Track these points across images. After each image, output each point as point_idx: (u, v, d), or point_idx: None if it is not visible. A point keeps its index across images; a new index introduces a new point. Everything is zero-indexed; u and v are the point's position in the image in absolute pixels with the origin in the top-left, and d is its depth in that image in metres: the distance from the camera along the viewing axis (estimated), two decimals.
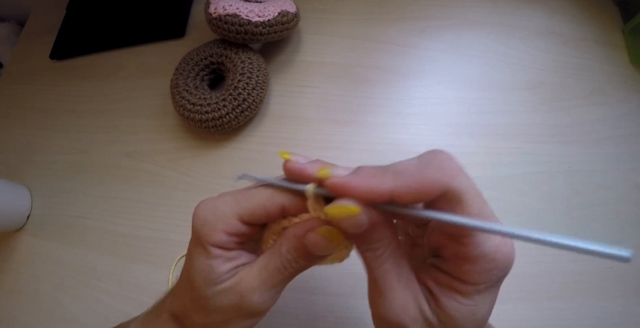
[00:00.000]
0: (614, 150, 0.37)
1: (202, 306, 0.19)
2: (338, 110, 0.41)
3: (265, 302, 0.19)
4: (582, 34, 0.43)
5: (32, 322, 0.36)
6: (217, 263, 0.18)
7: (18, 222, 0.41)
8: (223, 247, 0.19)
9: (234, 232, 0.18)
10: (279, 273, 0.19)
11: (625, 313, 0.31)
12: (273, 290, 0.19)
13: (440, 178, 0.14)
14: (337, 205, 0.15)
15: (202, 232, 0.18)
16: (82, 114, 0.47)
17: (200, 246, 0.19)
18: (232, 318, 0.19)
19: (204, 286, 0.19)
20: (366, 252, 0.16)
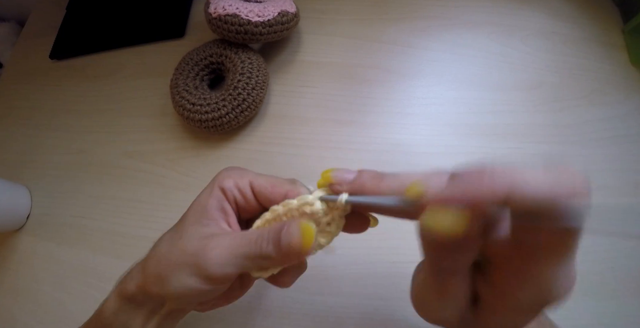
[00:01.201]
0: (614, 150, 0.37)
1: (174, 240, 0.21)
2: (338, 110, 0.41)
3: (219, 264, 0.19)
4: (582, 34, 0.43)
5: (32, 322, 0.36)
6: (212, 205, 0.21)
7: (18, 222, 0.41)
8: (226, 193, 0.21)
9: (241, 187, 0.21)
10: (250, 243, 0.19)
11: (625, 313, 0.31)
12: (234, 258, 0.19)
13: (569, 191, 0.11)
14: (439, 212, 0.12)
15: (218, 177, 0.22)
16: (82, 114, 0.47)
17: (210, 187, 0.21)
18: (185, 265, 0.19)
19: (191, 220, 0.20)
20: (442, 262, 0.14)
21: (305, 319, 0.32)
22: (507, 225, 0.14)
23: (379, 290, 0.33)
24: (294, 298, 0.33)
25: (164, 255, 0.20)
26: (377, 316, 0.32)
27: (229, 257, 0.19)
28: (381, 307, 0.32)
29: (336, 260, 0.34)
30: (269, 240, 0.19)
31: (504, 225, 0.14)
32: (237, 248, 0.19)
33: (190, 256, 0.19)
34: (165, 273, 0.20)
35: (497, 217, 0.12)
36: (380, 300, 0.32)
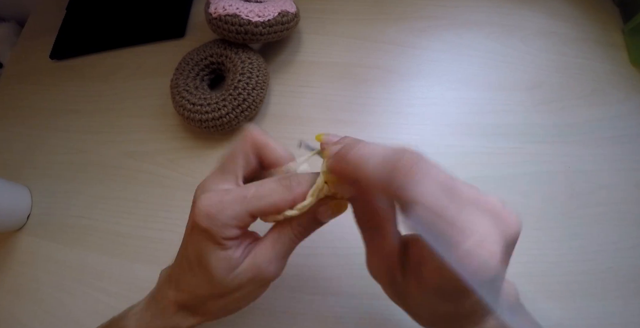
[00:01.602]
0: (614, 150, 0.37)
1: (220, 292, 0.20)
2: (338, 110, 0.41)
3: (279, 269, 0.21)
4: (582, 34, 0.43)
5: (32, 322, 0.36)
6: (233, 251, 0.20)
7: (18, 222, 0.41)
8: (235, 239, 0.20)
9: (245, 225, 0.20)
10: (291, 242, 0.21)
11: (625, 313, 0.31)
12: (286, 259, 0.21)
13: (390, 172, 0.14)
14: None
15: (214, 229, 0.19)
16: (82, 114, 0.47)
17: (212, 241, 0.19)
18: (251, 292, 0.21)
19: (224, 275, 0.20)
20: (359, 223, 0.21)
21: (305, 319, 0.32)
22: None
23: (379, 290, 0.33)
24: (294, 298, 0.33)
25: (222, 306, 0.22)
26: (377, 316, 0.32)
27: (284, 261, 0.21)
28: (381, 307, 0.32)
29: (336, 260, 0.34)
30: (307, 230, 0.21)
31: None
32: (284, 251, 0.21)
33: (252, 284, 0.21)
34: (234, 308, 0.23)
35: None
36: (380, 300, 0.32)
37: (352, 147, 0.16)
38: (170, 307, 0.22)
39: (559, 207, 0.35)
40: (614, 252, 0.33)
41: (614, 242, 0.33)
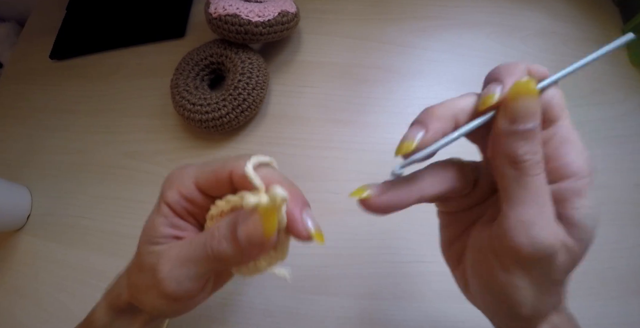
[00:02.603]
0: (614, 150, 0.37)
1: (136, 263, 0.20)
2: (338, 110, 0.41)
3: (175, 281, 0.17)
4: (582, 34, 0.43)
5: (32, 322, 0.36)
6: (160, 222, 0.19)
7: (18, 222, 0.41)
8: (172, 208, 0.19)
9: (186, 194, 0.19)
10: (198, 249, 0.17)
11: (625, 313, 0.31)
12: (187, 271, 0.17)
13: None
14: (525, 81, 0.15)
15: (163, 187, 0.19)
16: (82, 114, 0.47)
17: (158, 201, 0.19)
18: (149, 287, 0.18)
19: (143, 241, 0.19)
20: (528, 154, 0.14)
21: (305, 319, 0.32)
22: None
23: (379, 290, 0.33)
24: (294, 298, 0.33)
25: (135, 278, 0.20)
26: (377, 316, 0.32)
27: (181, 271, 0.17)
28: (381, 307, 0.32)
29: (336, 260, 0.34)
30: (220, 239, 0.17)
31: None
32: (186, 258, 0.17)
33: (149, 277, 0.18)
34: (137, 294, 0.19)
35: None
36: (380, 300, 0.32)
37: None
38: (125, 273, 0.22)
39: None
40: (613, 251, 0.33)
41: (613, 242, 0.33)
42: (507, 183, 0.15)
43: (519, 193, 0.14)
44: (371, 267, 0.33)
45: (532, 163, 0.14)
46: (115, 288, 0.22)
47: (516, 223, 0.14)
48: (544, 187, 0.14)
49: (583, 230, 0.14)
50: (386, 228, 0.35)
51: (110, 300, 0.22)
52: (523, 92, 0.14)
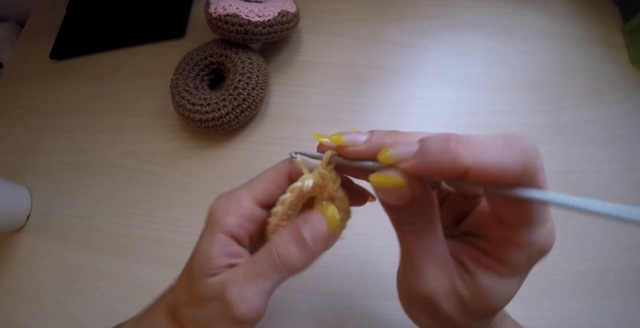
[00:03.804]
0: (614, 150, 0.37)
1: (193, 298, 0.19)
2: (338, 110, 0.41)
3: (246, 302, 0.17)
4: (582, 34, 0.43)
5: (32, 322, 0.36)
6: (217, 253, 0.18)
7: (18, 222, 0.41)
8: (234, 235, 0.18)
9: (248, 214, 0.18)
10: (265, 262, 0.17)
11: (625, 313, 0.31)
12: (256, 288, 0.17)
13: (523, 161, 0.12)
14: (383, 175, 0.14)
15: (216, 217, 0.18)
16: (82, 114, 0.47)
17: (209, 232, 0.18)
18: (215, 318, 0.18)
19: (198, 275, 0.18)
20: (403, 225, 0.16)
21: (305, 319, 0.32)
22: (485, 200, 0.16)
23: (379, 290, 0.33)
24: (294, 298, 0.33)
25: (193, 316, 0.19)
26: (377, 316, 0.32)
27: (250, 289, 0.17)
28: (381, 307, 0.32)
29: (336, 260, 0.34)
30: (286, 245, 0.17)
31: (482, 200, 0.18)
32: (253, 275, 0.17)
33: (217, 308, 0.18)
34: None
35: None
36: (380, 300, 0.32)
37: (453, 141, 0.13)
38: (160, 307, 0.21)
39: None
40: (613, 252, 0.33)
41: (613, 242, 0.33)
42: (399, 242, 0.17)
43: (402, 253, 0.17)
44: (371, 267, 0.33)
45: (405, 234, 0.16)
46: (151, 324, 0.21)
47: (401, 277, 0.17)
48: (422, 250, 0.16)
49: (484, 296, 0.15)
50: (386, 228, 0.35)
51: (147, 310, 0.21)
52: (383, 184, 0.15)
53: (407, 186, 0.14)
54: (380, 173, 0.15)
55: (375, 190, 0.15)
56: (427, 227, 0.16)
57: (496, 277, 0.15)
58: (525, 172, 0.12)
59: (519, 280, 0.16)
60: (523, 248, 0.15)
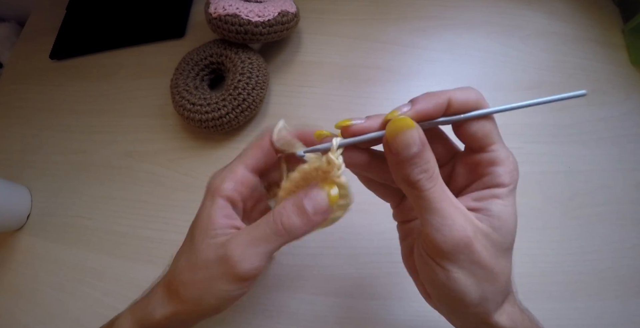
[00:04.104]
0: (614, 150, 0.37)
1: (192, 261, 0.20)
2: (338, 110, 0.41)
3: (247, 261, 0.19)
4: (582, 34, 0.43)
5: (32, 322, 0.36)
6: (217, 214, 0.20)
7: (18, 222, 0.41)
8: (230, 198, 0.21)
9: (241, 178, 0.21)
10: (268, 227, 0.19)
11: (625, 313, 0.31)
12: (257, 249, 0.19)
13: (475, 92, 0.19)
14: (397, 118, 0.18)
15: (214, 184, 0.21)
16: (82, 114, 0.47)
17: (209, 197, 0.21)
18: (216, 277, 0.19)
19: (200, 238, 0.20)
20: (420, 174, 0.17)
21: (305, 319, 0.32)
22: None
23: (379, 290, 0.33)
24: (294, 298, 0.33)
25: (190, 278, 0.20)
26: (377, 316, 0.32)
27: (253, 250, 0.19)
28: (381, 307, 0.32)
29: (336, 260, 0.34)
30: (289, 214, 0.19)
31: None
32: (256, 238, 0.19)
33: (217, 268, 0.19)
34: (201, 293, 0.20)
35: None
36: (380, 300, 0.32)
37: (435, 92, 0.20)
38: (158, 288, 0.22)
39: (559, 207, 0.35)
40: (613, 252, 0.33)
41: (613, 242, 0.33)
42: (413, 200, 0.18)
43: (423, 205, 0.18)
44: (371, 267, 0.33)
45: (423, 181, 0.17)
46: (145, 306, 0.22)
47: (430, 229, 0.17)
48: (442, 194, 0.18)
49: (499, 221, 0.18)
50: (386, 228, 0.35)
51: (140, 318, 0.22)
52: (398, 129, 0.17)
53: (416, 128, 0.17)
54: (394, 118, 0.18)
55: (390, 143, 0.18)
56: (437, 172, 0.18)
57: (499, 201, 0.18)
58: (478, 101, 0.19)
59: (513, 198, 0.18)
60: (503, 163, 0.18)
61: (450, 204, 0.17)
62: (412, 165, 0.17)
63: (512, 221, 0.18)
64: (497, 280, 0.18)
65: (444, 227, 0.17)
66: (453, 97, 0.18)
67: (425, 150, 0.17)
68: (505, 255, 0.18)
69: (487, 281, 0.18)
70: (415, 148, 0.17)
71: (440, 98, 0.19)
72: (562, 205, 0.35)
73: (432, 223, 0.17)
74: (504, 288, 0.18)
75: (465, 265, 0.17)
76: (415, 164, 0.17)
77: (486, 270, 0.17)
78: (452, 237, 0.17)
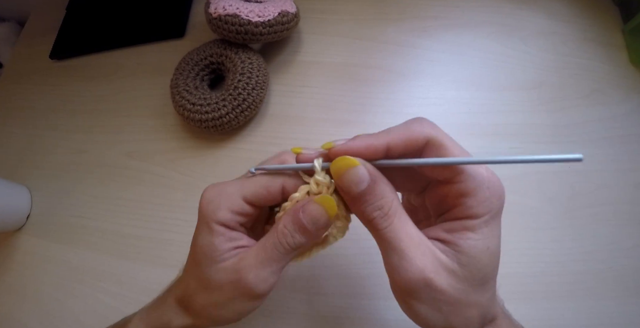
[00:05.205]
0: (614, 150, 0.37)
1: (204, 285, 0.20)
2: (338, 110, 0.41)
3: (263, 281, 0.19)
4: (582, 34, 0.43)
5: (32, 322, 0.36)
6: (220, 241, 0.20)
7: (18, 222, 0.41)
8: (226, 225, 0.20)
9: (238, 210, 0.20)
10: (276, 249, 0.19)
11: (625, 313, 0.31)
12: (270, 269, 0.19)
13: (423, 130, 0.18)
14: (339, 158, 0.17)
15: (208, 211, 0.20)
16: (82, 114, 0.47)
17: (205, 225, 0.20)
18: (232, 298, 0.20)
19: (206, 264, 0.20)
20: (373, 212, 0.17)
21: (305, 319, 0.32)
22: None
23: (378, 290, 0.33)
24: (294, 298, 0.33)
25: (206, 300, 0.20)
26: (376, 316, 0.32)
27: (266, 271, 0.19)
28: (381, 307, 0.32)
29: (336, 260, 0.34)
30: (292, 233, 0.19)
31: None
32: (266, 259, 0.19)
33: (233, 290, 0.19)
34: (219, 312, 0.20)
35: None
36: (380, 300, 0.32)
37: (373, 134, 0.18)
38: (169, 299, 0.22)
39: (558, 207, 0.35)
40: (613, 252, 0.33)
41: (613, 242, 0.33)
42: (374, 237, 0.18)
43: (381, 243, 0.18)
44: (371, 267, 0.33)
45: (378, 219, 0.17)
46: (160, 316, 0.22)
47: (389, 267, 0.18)
48: (400, 231, 0.17)
49: (467, 257, 0.17)
50: None
51: (154, 326, 0.22)
52: (342, 168, 0.17)
53: (361, 165, 0.17)
54: (337, 159, 0.17)
55: (336, 180, 0.18)
56: (393, 209, 0.17)
57: (471, 234, 0.17)
58: (429, 138, 0.18)
59: (492, 231, 0.17)
60: (476, 193, 0.17)
61: (409, 243, 0.17)
62: (365, 202, 0.17)
63: (486, 256, 0.17)
64: (468, 313, 0.17)
65: (400, 268, 0.17)
66: (392, 142, 0.17)
67: (377, 186, 0.17)
68: (478, 290, 0.17)
69: (456, 315, 0.17)
70: (364, 184, 0.17)
71: (377, 141, 0.18)
72: (561, 205, 0.35)
73: (390, 262, 0.17)
74: (479, 318, 0.18)
75: (428, 302, 0.17)
76: (367, 202, 0.17)
77: (453, 305, 0.17)
78: (409, 278, 0.17)
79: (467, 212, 0.17)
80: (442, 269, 0.17)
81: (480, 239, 0.17)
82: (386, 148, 0.17)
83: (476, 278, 0.17)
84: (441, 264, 0.17)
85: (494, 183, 0.17)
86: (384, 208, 0.17)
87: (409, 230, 0.17)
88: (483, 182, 0.17)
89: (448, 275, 0.17)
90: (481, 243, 0.17)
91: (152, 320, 0.22)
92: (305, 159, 0.19)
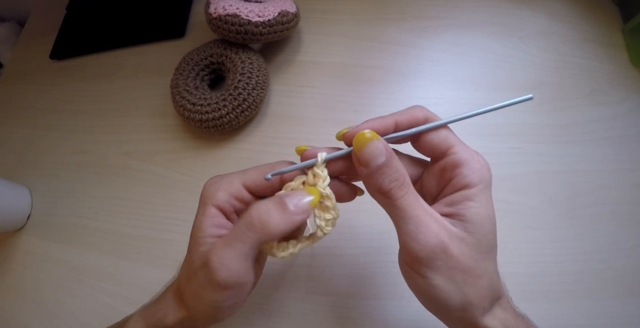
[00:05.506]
0: (614, 150, 0.37)
1: (190, 272, 0.20)
2: (338, 110, 0.41)
3: (225, 266, 0.18)
4: (582, 34, 0.43)
5: (32, 322, 0.36)
6: (207, 223, 0.20)
7: (18, 222, 0.41)
8: (222, 208, 0.20)
9: (236, 194, 0.21)
10: (242, 224, 0.18)
11: (625, 313, 0.31)
12: (234, 251, 0.18)
13: (422, 111, 0.21)
14: (360, 132, 0.19)
15: (208, 192, 0.21)
16: (82, 114, 0.47)
17: (202, 205, 0.21)
18: (203, 286, 0.19)
19: (192, 246, 0.20)
20: (391, 183, 0.18)
21: (305, 319, 0.32)
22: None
23: (378, 290, 0.33)
24: (294, 298, 0.33)
25: (188, 287, 0.20)
26: (377, 316, 0.32)
27: (227, 252, 0.18)
28: (381, 307, 0.32)
29: (336, 260, 0.34)
30: (269, 209, 0.18)
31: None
32: (231, 239, 0.18)
33: (203, 276, 0.19)
34: (195, 303, 0.20)
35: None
36: (380, 300, 0.32)
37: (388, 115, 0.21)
38: (169, 294, 0.22)
39: (558, 207, 0.35)
40: (612, 252, 0.33)
41: (613, 242, 0.33)
42: (387, 210, 0.19)
43: (397, 213, 0.18)
44: (371, 267, 0.33)
45: (395, 189, 0.18)
46: (156, 311, 0.22)
47: (406, 237, 0.18)
48: (414, 201, 0.18)
49: (472, 224, 0.18)
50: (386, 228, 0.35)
51: (151, 322, 0.22)
52: (363, 142, 0.18)
53: (380, 139, 0.18)
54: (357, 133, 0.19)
55: (359, 156, 0.19)
56: (407, 180, 0.19)
57: (471, 203, 0.18)
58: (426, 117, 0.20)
59: (487, 198, 0.19)
60: (468, 163, 0.19)
61: (423, 211, 0.18)
62: (382, 175, 0.18)
63: (487, 223, 0.18)
64: (480, 283, 0.18)
65: (418, 235, 0.17)
66: (399, 119, 0.20)
67: (393, 160, 0.18)
68: (485, 258, 0.18)
69: (469, 285, 0.18)
70: (383, 158, 0.18)
71: (386, 120, 0.20)
72: (561, 205, 0.35)
73: (407, 231, 0.18)
74: (489, 292, 0.18)
75: (444, 271, 0.17)
76: (385, 174, 0.18)
77: (466, 274, 0.18)
78: (427, 244, 0.17)
79: (464, 180, 0.18)
80: (454, 237, 0.18)
81: (481, 207, 0.18)
82: (394, 124, 0.20)
83: (482, 245, 0.18)
84: (452, 233, 0.18)
85: (481, 159, 0.19)
86: (399, 180, 0.18)
87: (421, 200, 0.19)
88: (473, 156, 0.19)
89: (459, 242, 0.18)
90: (483, 210, 0.18)
91: (149, 315, 0.22)
92: (311, 154, 0.20)
